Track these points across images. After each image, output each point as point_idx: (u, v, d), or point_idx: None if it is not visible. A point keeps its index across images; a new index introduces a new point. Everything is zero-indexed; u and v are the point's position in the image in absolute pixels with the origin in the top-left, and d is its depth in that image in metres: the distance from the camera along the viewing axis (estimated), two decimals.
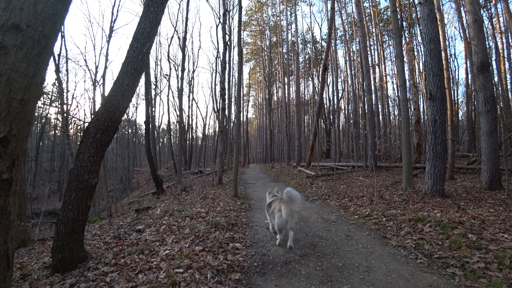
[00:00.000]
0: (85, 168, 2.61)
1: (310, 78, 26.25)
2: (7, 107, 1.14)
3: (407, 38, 12.35)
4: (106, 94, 3.05)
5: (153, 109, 17.83)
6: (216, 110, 22.61)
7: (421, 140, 11.64)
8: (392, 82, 22.02)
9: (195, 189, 9.32)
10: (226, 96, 14.07)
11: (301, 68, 25.20)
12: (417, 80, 14.18)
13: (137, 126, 36.42)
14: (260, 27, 26.78)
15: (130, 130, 35.52)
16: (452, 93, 15.90)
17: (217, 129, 21.33)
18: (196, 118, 52.68)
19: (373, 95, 13.37)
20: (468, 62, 13.50)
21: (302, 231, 3.72)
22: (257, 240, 3.40)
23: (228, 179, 11.37)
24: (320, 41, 26.53)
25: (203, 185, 10.48)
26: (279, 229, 3.04)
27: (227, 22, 13.11)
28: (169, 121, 27.55)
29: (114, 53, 60.65)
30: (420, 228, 3.37)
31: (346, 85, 24.05)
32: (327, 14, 18.57)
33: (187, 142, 24.19)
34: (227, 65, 15.06)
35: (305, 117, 28.28)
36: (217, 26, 20.69)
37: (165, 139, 37.73)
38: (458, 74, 34.92)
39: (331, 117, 22.60)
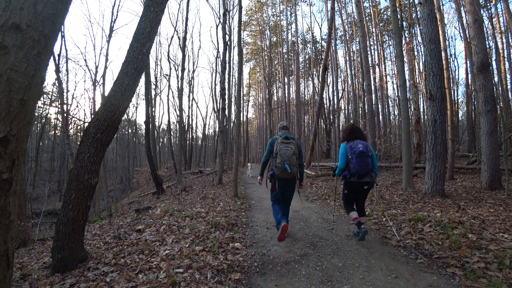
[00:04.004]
0: (85, 168, 2.60)
1: (310, 78, 26.24)
2: (7, 107, 1.14)
3: (407, 38, 12.34)
4: (106, 94, 3.05)
5: (153, 109, 17.83)
6: (216, 110, 22.61)
7: (421, 140, 11.63)
8: (392, 82, 21.98)
9: (195, 189, 9.32)
10: (226, 96, 14.06)
11: (301, 68, 25.19)
12: (417, 80, 14.16)
13: (137, 126, 36.43)
14: (260, 27, 26.76)
15: (130, 130, 35.52)
16: (452, 93, 15.88)
17: (217, 129, 21.31)
18: (196, 118, 52.78)
19: (373, 95, 13.39)
20: (468, 62, 13.50)
21: (302, 231, 3.72)
22: (257, 240, 3.40)
23: (228, 179, 11.36)
24: (320, 41, 26.53)
25: (203, 185, 10.48)
26: (250, 174, 13.87)
27: (227, 22, 13.10)
28: (169, 121, 27.60)
29: (114, 53, 60.82)
30: (420, 228, 3.37)
31: (346, 85, 24.06)
32: (327, 14, 18.58)
33: (187, 142, 24.19)
34: (227, 65, 15.04)
35: (305, 117, 28.24)
36: (217, 26, 20.70)
37: (165, 139, 37.73)
38: (458, 74, 34.96)
39: (331, 117, 22.60)
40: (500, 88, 13.30)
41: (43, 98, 21.85)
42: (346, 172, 3.17)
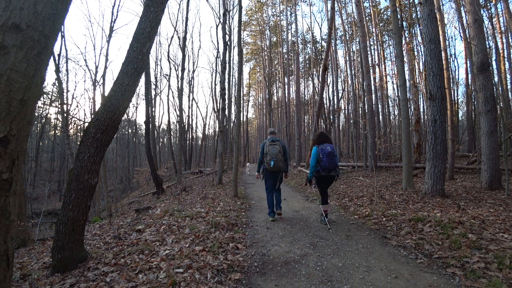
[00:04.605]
0: (85, 168, 2.60)
1: (310, 78, 26.19)
2: (7, 107, 1.14)
3: (407, 38, 12.33)
4: (106, 94, 3.05)
5: (153, 109, 17.83)
6: (216, 110, 22.60)
7: (421, 140, 11.63)
8: (392, 82, 22.02)
9: (195, 189, 9.32)
10: (226, 96, 14.07)
11: (301, 68, 25.17)
12: (417, 80, 14.16)
13: (137, 126, 36.43)
14: (260, 27, 26.75)
15: (130, 130, 35.53)
16: (452, 93, 15.89)
17: (217, 129, 21.32)
18: (196, 118, 52.88)
19: (373, 95, 13.38)
20: (468, 62, 13.50)
21: (302, 231, 3.72)
22: (257, 240, 3.40)
23: (228, 179, 11.36)
24: (320, 41, 26.47)
25: (203, 185, 10.48)
26: (248, 172, 15.99)
27: (227, 22, 13.09)
28: (169, 121, 27.60)
29: (114, 53, 60.85)
30: (420, 228, 3.37)
31: (346, 85, 24.01)
32: (327, 14, 18.57)
33: (187, 142, 24.19)
34: (227, 65, 15.05)
35: (305, 117, 28.24)
36: (217, 26, 20.70)
37: (165, 139, 37.73)
38: (458, 74, 34.99)
39: (331, 117, 22.54)
40: (500, 88, 13.30)
41: (43, 98, 21.87)
42: (319, 168, 3.99)
